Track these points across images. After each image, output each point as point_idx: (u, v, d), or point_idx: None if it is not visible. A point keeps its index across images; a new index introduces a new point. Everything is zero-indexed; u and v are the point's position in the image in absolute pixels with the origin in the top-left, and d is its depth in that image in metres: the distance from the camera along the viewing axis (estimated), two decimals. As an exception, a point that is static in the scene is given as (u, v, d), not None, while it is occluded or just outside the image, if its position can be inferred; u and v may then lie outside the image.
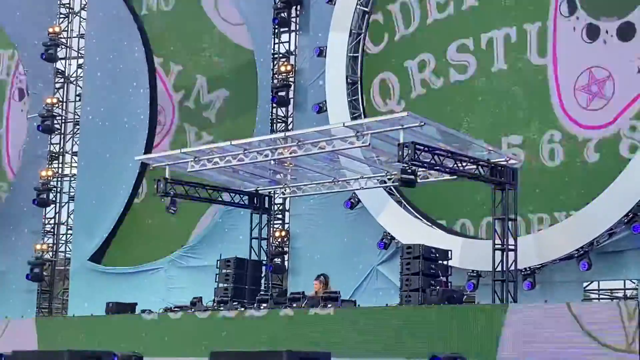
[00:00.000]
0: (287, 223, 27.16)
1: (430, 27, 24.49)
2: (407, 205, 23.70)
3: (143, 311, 20.49)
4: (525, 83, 22.96)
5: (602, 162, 21.53)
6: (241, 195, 22.60)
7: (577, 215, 21.12)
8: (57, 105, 31.80)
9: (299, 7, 27.37)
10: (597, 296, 25.06)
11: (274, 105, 26.89)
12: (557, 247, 21.18)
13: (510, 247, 19.11)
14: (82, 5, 32.53)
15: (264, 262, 22.79)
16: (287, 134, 19.55)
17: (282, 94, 26.82)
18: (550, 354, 14.48)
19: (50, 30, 31.57)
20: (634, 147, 20.95)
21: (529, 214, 22.29)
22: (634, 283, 22.52)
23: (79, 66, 32.37)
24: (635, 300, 15.21)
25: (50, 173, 31.36)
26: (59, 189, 31.99)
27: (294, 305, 17.89)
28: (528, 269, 21.34)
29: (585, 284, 22.51)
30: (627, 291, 24.82)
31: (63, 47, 32.30)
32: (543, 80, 22.65)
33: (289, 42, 27.62)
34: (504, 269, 19.01)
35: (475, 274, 22.13)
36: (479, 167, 18.54)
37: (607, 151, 21.51)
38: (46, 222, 31.88)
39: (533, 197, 22.16)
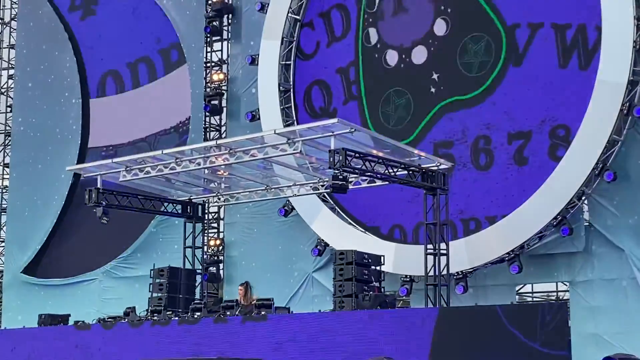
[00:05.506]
0: (222, 232, 27.12)
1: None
2: (340, 211, 23.80)
3: (76, 322, 20.31)
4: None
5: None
6: (174, 205, 22.52)
7: (507, 218, 21.32)
8: (-13, 116, 31.52)
9: (230, 16, 27.34)
10: (530, 298, 25.46)
11: (207, 113, 26.85)
12: (487, 251, 21.36)
13: (442, 251, 19.28)
14: (13, 16, 32.30)
15: (198, 271, 22.72)
16: (219, 142, 19.41)
17: (215, 102, 26.81)
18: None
19: (-20, 41, 31.29)
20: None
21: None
22: (566, 285, 22.81)
23: (10, 77, 32.09)
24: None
25: (-19, 185, 31.07)
26: (-10, 201, 31.69)
27: (228, 313, 17.87)
28: (460, 273, 21.52)
29: (517, 287, 22.80)
30: (559, 293, 25.25)
31: (-7, 58, 32.04)
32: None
33: (221, 50, 27.61)
34: (436, 274, 19.16)
35: (408, 279, 22.25)
36: (410, 172, 18.70)
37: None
38: (-22, 234, 31.56)
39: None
